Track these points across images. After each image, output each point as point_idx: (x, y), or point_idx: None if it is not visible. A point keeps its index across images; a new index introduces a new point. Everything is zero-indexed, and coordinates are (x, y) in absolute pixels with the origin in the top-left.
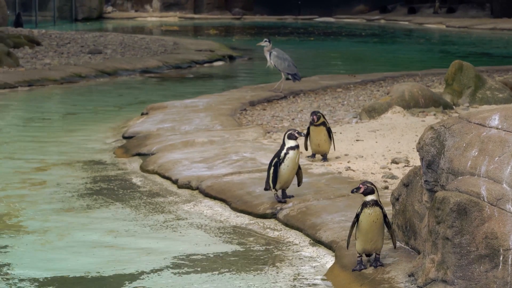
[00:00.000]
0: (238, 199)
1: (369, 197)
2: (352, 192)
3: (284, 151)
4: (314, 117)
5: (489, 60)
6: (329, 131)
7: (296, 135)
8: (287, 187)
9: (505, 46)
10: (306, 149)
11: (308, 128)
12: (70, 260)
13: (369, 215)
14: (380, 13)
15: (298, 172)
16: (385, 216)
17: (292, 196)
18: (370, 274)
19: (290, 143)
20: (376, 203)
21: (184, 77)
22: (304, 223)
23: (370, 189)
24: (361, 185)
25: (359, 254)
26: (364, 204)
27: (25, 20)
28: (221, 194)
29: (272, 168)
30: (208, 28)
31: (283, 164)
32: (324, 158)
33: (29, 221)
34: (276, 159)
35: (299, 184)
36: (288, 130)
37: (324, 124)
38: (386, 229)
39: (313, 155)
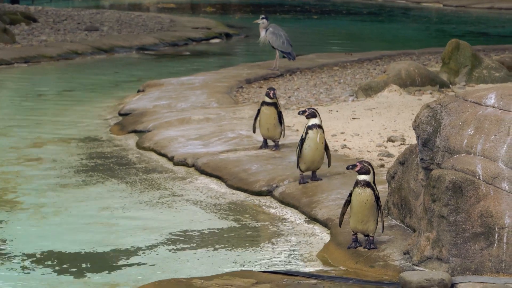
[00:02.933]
0: (234, 176)
1: (362, 177)
2: (348, 168)
3: (305, 131)
4: (271, 92)
5: (486, 39)
6: (280, 115)
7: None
8: (317, 168)
9: (502, 26)
10: (254, 131)
11: (261, 106)
12: (65, 236)
13: (359, 194)
14: None
15: (327, 152)
16: (377, 198)
17: (321, 179)
18: (365, 252)
19: (311, 121)
20: (367, 184)
21: (181, 54)
22: (300, 200)
23: (366, 169)
24: (358, 163)
25: (354, 232)
26: (356, 183)
27: None
28: (217, 171)
29: (297, 148)
30: (205, 6)
31: (304, 144)
32: (276, 145)
33: (25, 197)
34: (300, 139)
35: (329, 164)
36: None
37: (275, 106)
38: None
39: (265, 143)
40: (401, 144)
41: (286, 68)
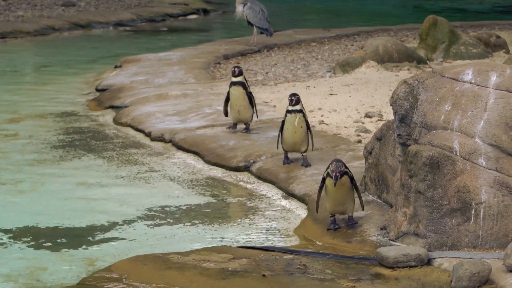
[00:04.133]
0: (211, 152)
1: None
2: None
3: (285, 113)
4: (233, 69)
5: (464, 15)
6: (250, 97)
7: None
8: (300, 151)
9: (480, 2)
10: (226, 115)
11: (229, 87)
12: (42, 211)
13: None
14: None
15: (310, 135)
16: (351, 179)
17: (309, 165)
18: (342, 228)
19: (293, 107)
20: (344, 173)
21: (158, 30)
22: (277, 176)
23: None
24: (337, 174)
25: (331, 214)
26: (330, 174)
27: None
28: (194, 147)
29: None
30: None
31: (284, 126)
32: (247, 128)
33: (2, 172)
34: (281, 121)
35: (312, 147)
36: (292, 95)
37: (244, 86)
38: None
39: (234, 125)
40: (378, 120)
41: (264, 44)
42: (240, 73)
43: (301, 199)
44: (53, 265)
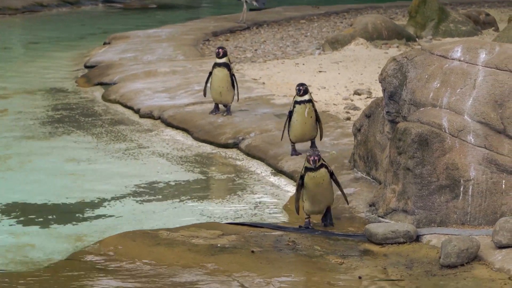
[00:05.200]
0: (200, 129)
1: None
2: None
3: (292, 104)
4: (218, 50)
5: None
6: (233, 79)
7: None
8: (310, 139)
9: None
10: (205, 95)
11: (212, 68)
12: (31, 187)
13: (314, 178)
14: None
15: (319, 125)
16: (331, 174)
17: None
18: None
19: (301, 97)
20: (321, 165)
21: (147, 7)
22: (266, 153)
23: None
24: (310, 160)
25: (307, 215)
26: (308, 169)
27: None
28: (183, 124)
29: (286, 120)
30: None
31: (293, 117)
32: (228, 110)
33: None
34: (288, 112)
35: (320, 137)
36: (300, 85)
37: (228, 67)
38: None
39: (216, 107)
40: (367, 97)
41: (253, 21)
42: (225, 54)
43: (290, 175)
44: (42, 241)
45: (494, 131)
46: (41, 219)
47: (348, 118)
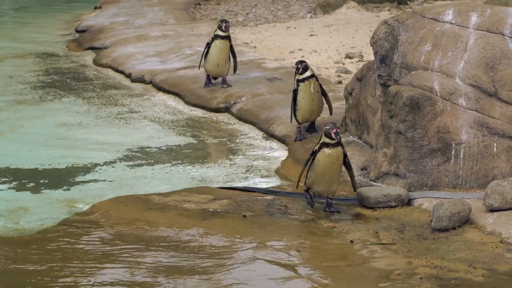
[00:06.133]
0: (191, 93)
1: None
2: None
3: (295, 83)
4: (223, 25)
5: None
6: (233, 51)
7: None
8: (315, 119)
9: None
10: (199, 67)
11: (212, 41)
12: (22, 152)
13: (329, 155)
14: None
15: (326, 99)
16: (345, 155)
17: (316, 132)
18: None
19: (299, 75)
20: (339, 143)
21: None
22: (258, 117)
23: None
24: (332, 132)
25: (307, 188)
26: (325, 144)
27: None
28: (174, 88)
29: (291, 101)
30: None
31: (298, 96)
32: (224, 81)
33: None
34: (293, 91)
35: (330, 112)
36: (299, 62)
37: (229, 39)
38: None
39: (209, 80)
40: (359, 60)
41: None
42: (228, 29)
43: (282, 140)
44: (34, 206)
45: (485, 94)
46: (33, 184)
47: (340, 82)
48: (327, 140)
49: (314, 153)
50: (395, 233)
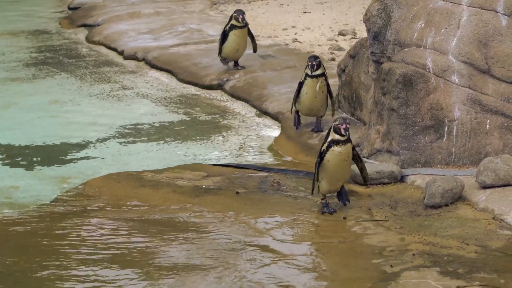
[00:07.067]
0: (184, 70)
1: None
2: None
3: (303, 76)
4: (240, 17)
5: None
6: (250, 33)
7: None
8: (317, 116)
9: None
10: (220, 53)
11: (230, 30)
12: (15, 130)
13: (340, 153)
14: None
15: (331, 100)
16: (353, 148)
17: (321, 131)
18: (316, 145)
19: (310, 71)
20: (348, 139)
21: None
22: (251, 94)
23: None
24: (341, 128)
25: (324, 196)
26: (334, 142)
27: None
28: (167, 65)
29: (295, 92)
30: None
31: (302, 90)
32: (236, 64)
33: None
34: (299, 83)
35: (332, 114)
36: (312, 59)
37: (247, 27)
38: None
39: (224, 61)
40: (352, 37)
41: None
42: (244, 21)
43: (274, 117)
44: (26, 183)
45: (478, 71)
46: (26, 161)
47: (333, 59)
48: (337, 136)
49: (322, 154)
50: (388, 209)
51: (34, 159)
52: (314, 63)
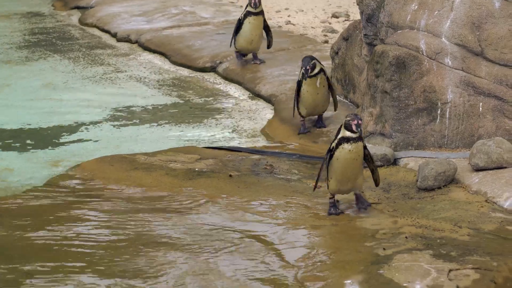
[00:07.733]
0: (177, 53)
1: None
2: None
3: (300, 75)
4: (253, 1)
5: None
6: (266, 24)
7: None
8: (321, 113)
9: None
10: (234, 44)
11: (245, 18)
12: (8, 112)
13: (350, 152)
14: None
15: (332, 94)
16: (364, 147)
17: (325, 127)
18: (309, 128)
19: (306, 74)
20: (359, 138)
21: None
22: (244, 76)
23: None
24: (353, 123)
25: (332, 195)
26: (345, 139)
27: None
28: (160, 48)
29: (295, 92)
30: None
31: (302, 88)
32: (256, 57)
33: None
34: (297, 82)
35: (335, 108)
36: (306, 63)
37: (263, 14)
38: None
39: (240, 56)
40: (345, 20)
41: None
42: (258, 4)
43: (268, 99)
44: (20, 166)
45: (471, 53)
46: (19, 144)
47: (326, 41)
48: (348, 134)
49: (331, 151)
50: (380, 192)
51: (27, 141)
52: (308, 67)
